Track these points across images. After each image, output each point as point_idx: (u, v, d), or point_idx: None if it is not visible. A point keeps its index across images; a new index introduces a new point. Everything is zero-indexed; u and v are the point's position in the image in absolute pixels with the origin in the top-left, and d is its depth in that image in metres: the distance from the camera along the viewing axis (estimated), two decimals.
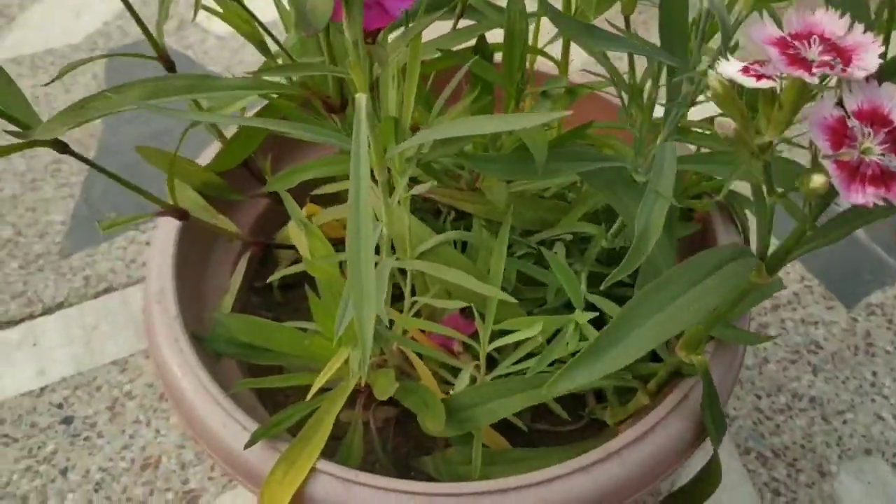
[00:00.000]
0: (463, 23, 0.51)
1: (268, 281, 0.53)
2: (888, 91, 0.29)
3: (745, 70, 0.29)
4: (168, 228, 0.56)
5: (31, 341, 0.83)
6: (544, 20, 0.45)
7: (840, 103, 0.29)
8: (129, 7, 0.48)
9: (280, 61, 0.49)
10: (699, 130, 0.44)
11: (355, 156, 0.30)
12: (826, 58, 0.27)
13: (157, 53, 0.52)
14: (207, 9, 0.49)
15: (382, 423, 0.55)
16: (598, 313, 0.46)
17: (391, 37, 0.42)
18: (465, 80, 0.48)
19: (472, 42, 0.49)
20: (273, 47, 0.50)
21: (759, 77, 0.29)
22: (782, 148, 0.33)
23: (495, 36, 0.50)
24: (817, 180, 0.28)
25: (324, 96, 0.44)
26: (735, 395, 0.78)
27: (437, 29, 0.46)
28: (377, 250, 0.49)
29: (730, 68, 0.29)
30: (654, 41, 0.41)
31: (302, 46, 0.48)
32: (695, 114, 0.43)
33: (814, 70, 0.27)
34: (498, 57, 0.51)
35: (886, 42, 0.31)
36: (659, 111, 0.44)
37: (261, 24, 0.50)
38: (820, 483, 0.73)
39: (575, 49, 0.52)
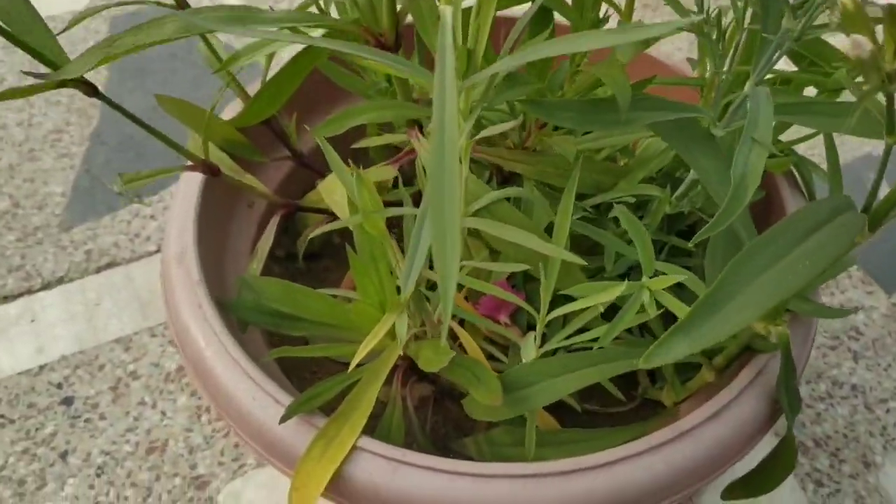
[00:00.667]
0: None
1: (306, 238, 0.49)
2: None
3: None
4: (191, 186, 0.51)
5: (30, 317, 0.79)
6: None
7: None
8: None
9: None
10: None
11: (440, 82, 0.26)
12: None
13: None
14: None
15: (418, 402, 0.51)
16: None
17: None
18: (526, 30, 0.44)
19: None
20: None
21: None
22: None
23: None
24: None
25: (376, 33, 0.40)
26: None
27: None
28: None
29: None
30: None
31: None
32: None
33: None
34: None
35: None
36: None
37: None
38: (864, 474, 0.69)
39: None
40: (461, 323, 0.49)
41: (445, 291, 0.26)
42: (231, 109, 0.58)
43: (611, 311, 0.42)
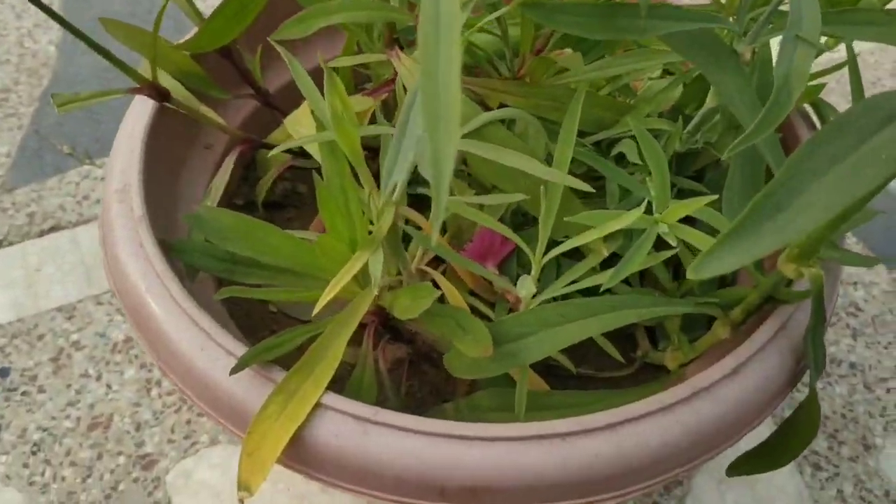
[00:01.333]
0: None
1: (267, 181, 0.43)
2: None
3: None
4: (140, 113, 0.45)
5: None
6: None
7: None
8: None
9: None
10: None
11: None
12: None
13: None
14: None
15: (392, 364, 0.45)
16: None
17: None
18: None
19: None
20: None
21: None
22: None
23: None
24: None
25: None
26: None
27: None
28: None
29: None
30: None
31: None
32: None
33: None
34: None
35: None
36: None
37: None
38: (864, 457, 0.65)
39: None
40: (443, 273, 0.44)
41: (438, 175, 0.20)
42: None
43: (611, 265, 0.37)
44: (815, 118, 0.47)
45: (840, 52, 0.43)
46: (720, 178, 0.44)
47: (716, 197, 0.33)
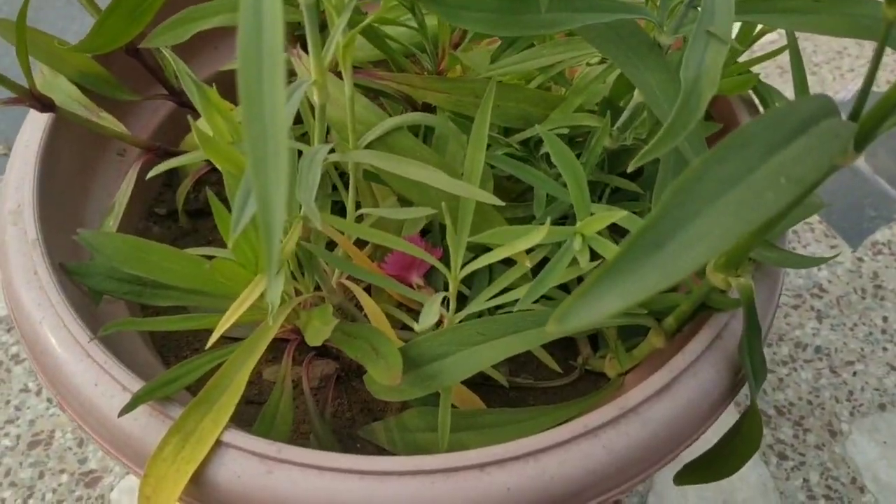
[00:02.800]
0: None
1: (183, 191, 0.40)
2: None
3: None
4: (34, 131, 0.42)
5: None
6: None
7: None
8: None
9: None
10: None
11: None
12: None
13: None
14: None
15: (319, 381, 0.43)
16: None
17: None
18: None
19: None
20: None
21: None
22: None
23: None
24: None
25: None
26: None
27: None
28: (307, 139, 0.37)
29: None
30: None
31: None
32: None
33: None
34: None
35: None
36: None
37: None
38: (831, 444, 0.63)
39: None
40: (368, 288, 0.41)
41: (268, 226, 0.17)
42: None
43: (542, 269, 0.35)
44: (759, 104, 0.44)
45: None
46: (656, 173, 0.42)
47: (625, 213, 0.30)
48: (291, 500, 0.31)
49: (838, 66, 0.92)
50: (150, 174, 0.33)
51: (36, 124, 0.42)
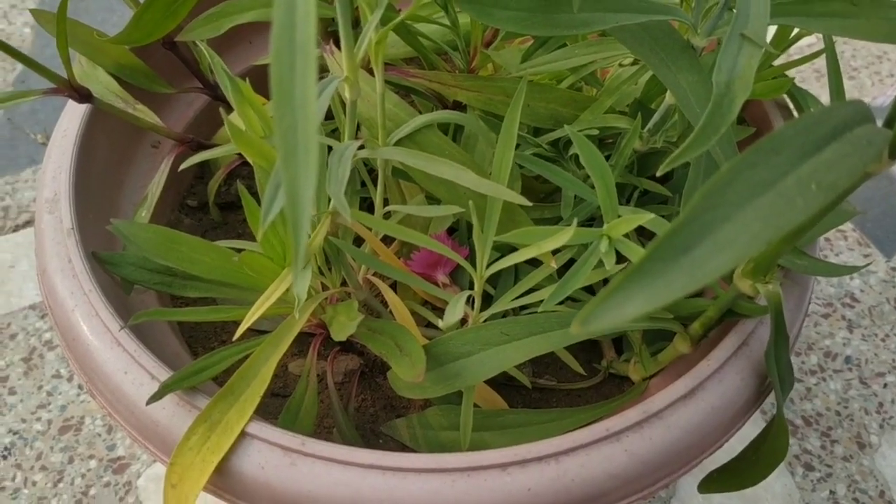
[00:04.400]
0: None
1: (214, 183, 0.40)
2: None
3: None
4: (72, 120, 0.43)
5: None
6: None
7: None
8: None
9: None
10: None
11: None
12: None
13: None
14: None
15: (343, 376, 0.43)
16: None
17: None
18: None
19: None
20: None
21: None
22: None
23: None
24: None
25: None
26: None
27: None
28: (337, 136, 0.37)
29: None
30: None
31: None
32: None
33: None
34: None
35: None
36: None
37: None
38: (859, 456, 0.62)
39: None
40: (394, 285, 0.42)
41: (296, 218, 0.18)
42: None
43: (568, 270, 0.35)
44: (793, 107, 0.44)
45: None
46: (686, 177, 0.41)
47: (652, 216, 0.30)
48: (314, 493, 0.31)
49: (877, 71, 0.91)
50: (183, 166, 0.34)
51: (74, 115, 0.43)
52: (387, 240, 0.39)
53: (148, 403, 0.32)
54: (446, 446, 0.38)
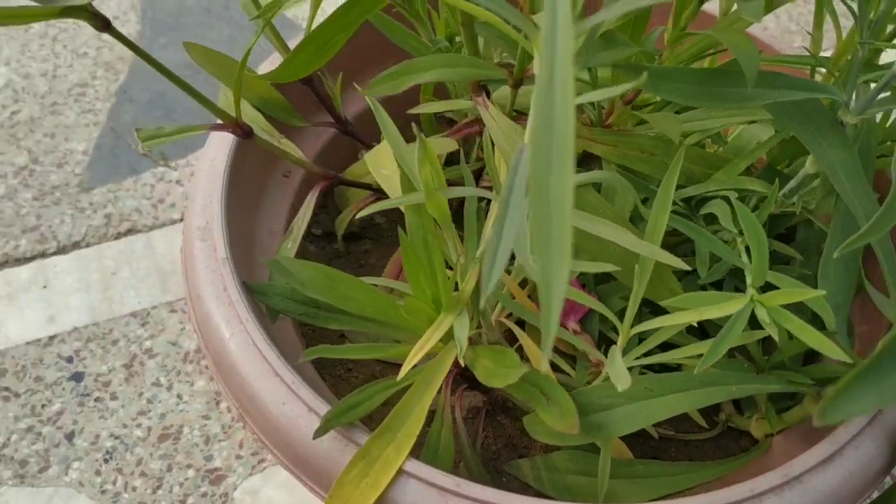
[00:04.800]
0: None
1: (347, 217, 0.42)
2: None
3: None
4: (221, 149, 0.45)
5: (42, 283, 0.73)
6: None
7: None
8: None
9: None
10: None
11: (550, 21, 0.19)
12: None
13: None
14: None
15: (467, 412, 0.45)
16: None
17: None
18: None
19: None
20: None
21: None
22: None
23: None
24: None
25: None
26: None
27: None
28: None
29: None
30: None
31: None
32: None
33: None
34: None
35: None
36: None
37: None
38: None
39: None
40: (521, 325, 0.43)
41: (548, 303, 0.19)
42: (270, 66, 0.52)
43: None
44: None
45: None
46: (811, 238, 0.42)
47: (823, 293, 0.31)
48: None
49: None
50: (361, 214, 0.36)
51: (220, 145, 0.45)
52: (523, 283, 0.41)
53: (315, 437, 0.34)
54: (573, 490, 0.39)
